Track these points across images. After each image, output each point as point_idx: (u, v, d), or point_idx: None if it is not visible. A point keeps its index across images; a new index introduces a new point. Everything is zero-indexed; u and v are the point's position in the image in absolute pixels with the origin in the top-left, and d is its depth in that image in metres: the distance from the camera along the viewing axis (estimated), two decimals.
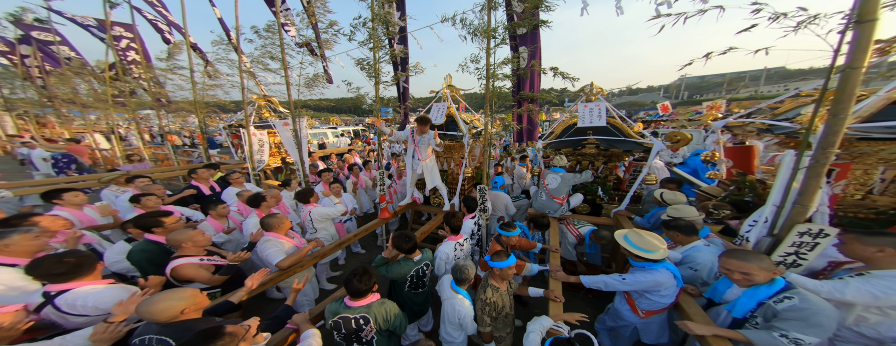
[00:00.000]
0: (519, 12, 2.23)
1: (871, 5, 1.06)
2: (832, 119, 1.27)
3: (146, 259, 1.91)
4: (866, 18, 1.08)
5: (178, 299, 1.25)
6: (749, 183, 2.62)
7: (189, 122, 10.82)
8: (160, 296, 1.25)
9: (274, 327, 1.56)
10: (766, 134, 2.22)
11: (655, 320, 1.78)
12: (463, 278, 1.77)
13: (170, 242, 1.87)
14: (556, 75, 2.26)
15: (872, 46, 1.14)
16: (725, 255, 1.41)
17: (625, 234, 1.79)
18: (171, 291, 1.32)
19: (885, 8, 1.10)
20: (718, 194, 2.66)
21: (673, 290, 1.66)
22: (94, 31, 5.83)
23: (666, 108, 11.50)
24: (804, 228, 1.47)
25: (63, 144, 6.25)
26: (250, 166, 4.82)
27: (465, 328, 1.74)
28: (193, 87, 5.52)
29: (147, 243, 1.99)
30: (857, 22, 1.10)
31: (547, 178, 3.13)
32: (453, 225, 2.31)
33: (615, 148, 3.20)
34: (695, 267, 1.81)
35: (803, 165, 1.40)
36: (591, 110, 3.18)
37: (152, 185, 3.27)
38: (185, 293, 1.29)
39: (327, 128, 13.39)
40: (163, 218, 2.06)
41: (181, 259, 1.78)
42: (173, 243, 1.85)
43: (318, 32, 3.94)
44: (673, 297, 1.69)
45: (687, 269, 1.85)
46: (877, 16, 1.08)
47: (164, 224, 2.04)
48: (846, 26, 1.14)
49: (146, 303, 1.21)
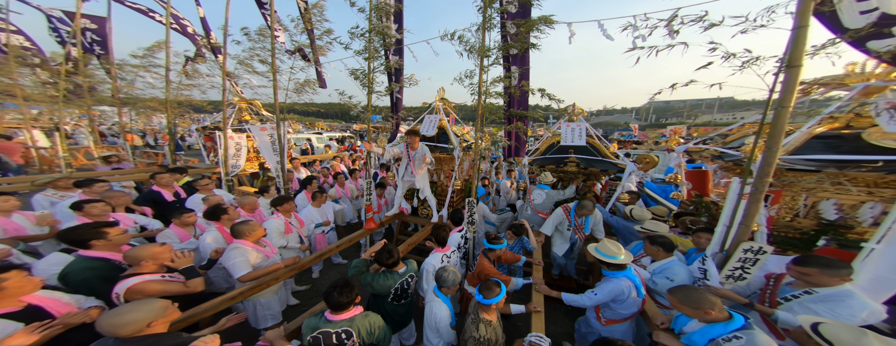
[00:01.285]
0: (512, 33, 2.42)
1: (797, 53, 1.31)
2: (767, 151, 1.48)
3: (96, 278, 1.60)
4: (794, 64, 1.32)
5: (146, 311, 1.12)
6: (705, 204, 2.94)
7: (154, 121, 9.94)
8: (126, 308, 1.10)
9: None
10: (717, 160, 2.52)
11: (617, 329, 1.87)
12: (443, 282, 1.79)
13: (128, 258, 1.62)
14: (543, 96, 2.45)
15: (797, 88, 1.38)
16: (670, 291, 1.44)
17: (595, 246, 1.93)
18: (139, 302, 1.17)
19: (807, 56, 1.35)
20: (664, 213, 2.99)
21: (632, 300, 1.76)
22: (54, 21, 5.36)
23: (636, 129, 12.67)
24: (748, 245, 1.66)
25: None
26: (223, 171, 4.46)
27: (440, 334, 1.74)
28: (167, 85, 5.15)
29: (88, 261, 1.67)
30: (788, 66, 1.34)
31: (533, 193, 3.25)
32: (440, 237, 2.29)
33: (594, 167, 3.44)
34: (671, 277, 1.93)
35: (746, 190, 1.60)
36: (573, 130, 3.42)
37: (113, 192, 2.82)
38: (155, 305, 1.16)
39: (312, 133, 12.87)
40: (106, 229, 1.75)
41: (138, 277, 1.53)
42: (132, 259, 1.60)
43: (313, 39, 3.94)
44: (632, 308, 1.79)
45: (663, 278, 1.95)
46: (801, 62, 1.33)
47: (108, 236, 1.73)
48: (779, 69, 1.39)
49: (109, 316, 1.07)
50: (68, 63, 5.41)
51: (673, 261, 2.00)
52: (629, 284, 1.76)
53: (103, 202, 2.31)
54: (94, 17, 5.46)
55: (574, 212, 2.86)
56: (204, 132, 5.59)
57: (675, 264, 1.97)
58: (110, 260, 1.70)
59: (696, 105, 66.80)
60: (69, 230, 1.77)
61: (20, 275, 1.22)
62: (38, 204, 2.86)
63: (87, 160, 6.38)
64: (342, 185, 4.61)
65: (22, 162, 5.61)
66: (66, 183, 2.99)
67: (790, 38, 1.34)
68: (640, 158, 2.92)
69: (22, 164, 5.55)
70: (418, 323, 2.11)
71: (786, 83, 1.36)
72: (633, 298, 1.76)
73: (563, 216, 2.91)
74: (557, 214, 2.94)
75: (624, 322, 1.86)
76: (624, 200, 3.18)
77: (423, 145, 3.22)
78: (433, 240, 2.33)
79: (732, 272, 1.74)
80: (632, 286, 1.76)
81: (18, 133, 7.11)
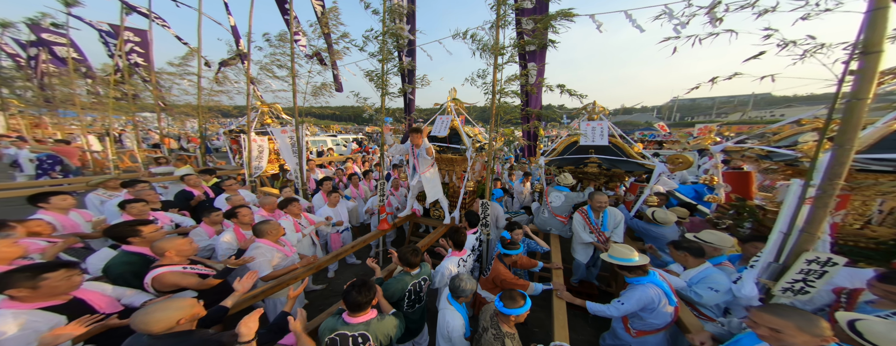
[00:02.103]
0: (529, 29, 2.32)
1: (877, 37, 1.11)
2: (839, 150, 1.28)
3: (131, 272, 1.73)
4: (872, 50, 1.12)
5: (175, 308, 1.18)
6: (748, 208, 2.63)
7: (187, 126, 10.74)
8: (156, 306, 1.17)
9: (271, 336, 1.43)
10: (764, 161, 2.25)
11: (650, 340, 1.73)
12: (460, 292, 1.72)
13: (154, 249, 1.74)
14: (562, 92, 2.32)
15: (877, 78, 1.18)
16: (760, 308, 1.24)
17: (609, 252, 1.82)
18: (168, 300, 1.24)
19: (889, 39, 1.15)
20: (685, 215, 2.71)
21: (663, 309, 1.62)
22: (104, 36, 5.94)
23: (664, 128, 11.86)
24: (812, 256, 1.44)
25: (52, 145, 6.08)
26: (247, 173, 4.71)
27: (453, 343, 1.67)
28: (199, 91, 5.54)
29: (127, 255, 1.82)
30: (863, 53, 1.14)
31: (550, 196, 3.10)
32: (457, 241, 2.23)
33: (617, 168, 3.22)
34: (716, 287, 1.73)
35: (810, 194, 1.39)
36: (594, 129, 3.23)
37: (148, 190, 3.11)
38: (183, 303, 1.22)
39: (327, 136, 13.40)
40: (140, 227, 1.89)
41: (162, 268, 1.64)
42: (157, 250, 1.72)
43: (331, 43, 4.05)
44: (664, 317, 1.64)
45: (707, 289, 1.76)
46: (882, 48, 1.12)
47: (141, 233, 1.87)
48: (851, 57, 1.19)
49: (141, 313, 1.13)
50: (116, 73, 5.98)
51: (708, 269, 1.81)
52: (657, 291, 1.62)
53: (143, 202, 2.52)
54: (136, 30, 5.99)
55: (590, 211, 2.68)
56: (230, 136, 5.93)
57: (713, 271, 1.78)
58: (145, 255, 1.83)
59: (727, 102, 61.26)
60: (111, 227, 1.95)
61: (65, 273, 1.31)
62: (90, 203, 3.16)
63: (131, 163, 7.01)
64: (356, 185, 4.70)
65: (79, 164, 6.27)
66: (114, 183, 3.29)
67: (864, 21, 1.14)
68: (673, 158, 2.67)
69: (79, 166, 6.19)
70: (431, 328, 2.09)
71: (861, 73, 1.17)
72: (664, 306, 1.61)
73: (582, 220, 2.75)
74: (577, 219, 2.79)
75: (657, 333, 1.70)
76: (653, 202, 2.92)
77: (425, 141, 3.12)
78: (450, 242, 2.27)
79: (791, 285, 1.52)
80: (661, 294, 1.62)
81: (76, 138, 7.98)
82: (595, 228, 2.67)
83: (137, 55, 6.10)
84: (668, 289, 1.65)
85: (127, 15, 5.62)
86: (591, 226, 2.69)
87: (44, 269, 1.27)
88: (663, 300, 1.62)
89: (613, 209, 2.69)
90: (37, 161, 5.10)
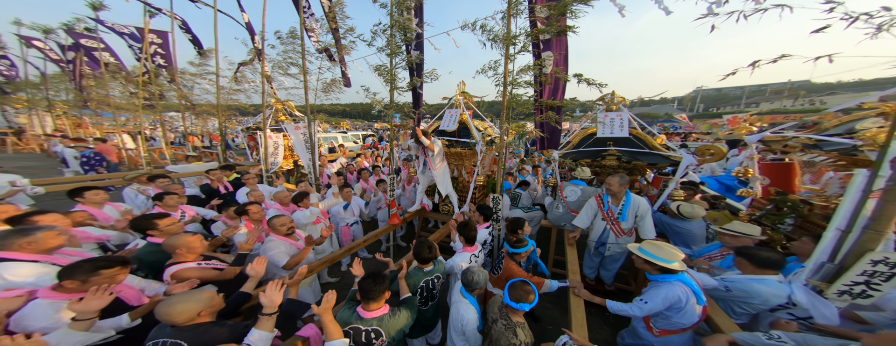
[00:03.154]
0: (543, 17, 2.18)
1: None
2: None
3: (160, 260, 1.82)
4: None
5: (195, 300, 1.23)
6: (791, 203, 2.39)
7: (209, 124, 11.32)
8: (178, 298, 1.22)
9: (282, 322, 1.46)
10: (813, 150, 2.02)
11: (674, 340, 1.64)
12: (474, 285, 1.70)
13: (165, 247, 1.78)
14: (580, 82, 2.18)
15: None
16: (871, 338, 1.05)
17: (640, 246, 1.69)
18: (189, 292, 1.30)
19: None
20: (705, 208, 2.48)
21: (690, 308, 1.52)
22: (126, 39, 6.28)
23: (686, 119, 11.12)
24: (880, 256, 1.28)
25: (92, 143, 6.59)
26: (264, 168, 4.89)
27: (466, 337, 1.66)
28: (218, 91, 5.77)
29: (152, 246, 1.93)
30: None
31: (566, 190, 2.98)
32: (468, 236, 2.20)
33: (639, 161, 3.04)
34: (752, 294, 1.59)
35: (878, 186, 1.22)
36: (613, 120, 3.05)
37: (172, 184, 3.32)
38: (203, 295, 1.27)
39: (337, 132, 13.68)
40: (156, 220, 1.99)
41: (178, 265, 1.71)
42: (168, 248, 1.77)
43: (338, 38, 4.05)
44: (692, 317, 1.54)
45: (740, 291, 1.63)
46: None
47: (158, 226, 1.97)
48: None
49: (164, 304, 1.19)
50: (145, 75, 6.33)
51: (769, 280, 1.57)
52: (685, 289, 1.51)
53: (177, 195, 2.68)
54: (159, 32, 6.28)
55: (607, 197, 2.47)
56: (247, 132, 6.16)
57: (770, 283, 1.56)
58: None
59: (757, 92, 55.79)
60: (132, 221, 2.09)
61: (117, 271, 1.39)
62: (127, 196, 3.43)
63: (160, 160, 7.49)
64: (366, 180, 4.76)
65: (116, 161, 6.77)
66: (144, 179, 3.55)
67: None
68: (703, 149, 2.44)
69: (116, 162, 6.70)
70: (444, 323, 2.07)
71: None
72: (692, 305, 1.51)
73: (595, 207, 2.57)
74: (590, 204, 2.60)
75: (682, 333, 1.60)
76: (679, 196, 2.72)
77: (434, 138, 3.12)
78: (460, 238, 2.24)
79: (850, 288, 1.37)
80: (689, 292, 1.51)
81: (111, 137, 8.61)
82: (608, 215, 2.47)
83: (161, 57, 6.41)
84: (696, 287, 1.54)
85: (151, 17, 5.89)
86: (603, 213, 2.50)
87: (104, 264, 1.35)
88: (692, 299, 1.51)
89: (638, 198, 2.43)
90: (83, 158, 5.54)
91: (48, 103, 11.34)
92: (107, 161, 5.77)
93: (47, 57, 9.39)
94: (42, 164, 8.22)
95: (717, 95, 65.31)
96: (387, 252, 4.06)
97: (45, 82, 10.94)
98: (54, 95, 11.27)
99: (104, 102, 8.14)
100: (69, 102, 10.91)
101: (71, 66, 8.31)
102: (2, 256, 1.47)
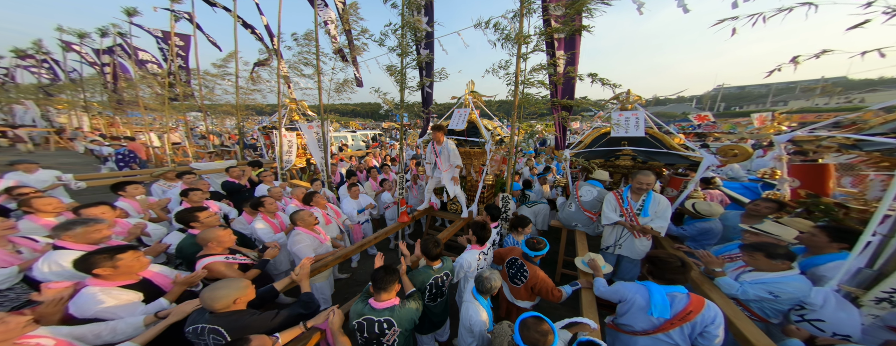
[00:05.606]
0: (558, 15, 2.15)
1: None
2: None
3: (196, 253, 1.91)
4: None
5: (234, 288, 1.33)
6: (824, 206, 2.25)
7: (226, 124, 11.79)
8: (221, 283, 1.33)
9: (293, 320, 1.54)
10: (850, 150, 1.89)
11: (620, 338, 1.61)
12: (485, 289, 1.69)
13: (198, 240, 1.91)
14: (593, 82, 2.13)
15: None
16: None
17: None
18: (229, 280, 1.40)
19: None
20: None
21: (635, 313, 1.49)
22: (160, 42, 6.66)
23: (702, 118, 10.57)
24: None
25: (124, 142, 7.05)
26: (279, 166, 5.08)
27: (474, 336, 1.68)
28: (237, 91, 6.02)
29: (193, 237, 2.05)
30: None
31: (581, 189, 2.92)
32: (481, 236, 2.18)
33: (655, 161, 2.94)
34: (777, 293, 1.52)
35: None
36: (628, 119, 2.96)
37: (199, 180, 3.51)
38: (241, 284, 1.38)
39: (347, 131, 13.99)
40: (197, 213, 2.15)
41: (209, 258, 1.81)
42: (201, 241, 1.88)
43: (351, 39, 4.14)
44: (636, 322, 1.50)
45: (765, 292, 1.55)
46: None
47: (199, 219, 2.12)
48: None
49: (209, 290, 1.30)
50: (170, 76, 6.70)
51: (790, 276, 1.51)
52: (640, 292, 1.49)
53: (201, 191, 2.84)
54: (182, 35, 6.62)
55: (628, 192, 2.36)
56: (263, 132, 6.41)
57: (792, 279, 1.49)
58: None
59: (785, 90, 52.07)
60: (178, 213, 2.27)
61: (134, 254, 1.49)
62: (155, 192, 3.66)
63: (183, 158, 7.91)
64: (375, 178, 4.85)
65: (145, 158, 7.22)
66: (171, 175, 3.76)
67: None
68: (726, 149, 2.33)
69: (145, 159, 7.14)
70: (453, 321, 2.10)
71: None
72: (636, 309, 1.48)
73: (614, 203, 2.46)
74: (609, 200, 2.49)
75: (628, 334, 1.55)
76: (699, 196, 2.63)
77: (448, 141, 3.11)
78: (473, 237, 2.23)
79: (890, 295, 1.29)
80: (642, 297, 1.47)
81: (138, 136, 9.18)
82: (627, 211, 2.37)
83: (181, 59, 6.76)
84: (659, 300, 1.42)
85: (176, 21, 6.22)
86: (622, 209, 2.40)
87: (117, 250, 1.46)
88: (638, 302, 1.47)
89: (660, 196, 2.35)
90: (119, 156, 5.95)
91: (85, 104, 12.20)
92: (138, 158, 6.16)
93: (84, 60, 10.10)
94: (80, 161, 8.86)
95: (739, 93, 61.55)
96: (396, 250, 4.12)
97: (82, 84, 11.77)
98: (90, 96, 12.11)
99: (134, 102, 8.68)
100: (104, 103, 11.69)
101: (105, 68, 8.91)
102: (58, 244, 1.61)
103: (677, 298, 1.42)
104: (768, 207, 2.11)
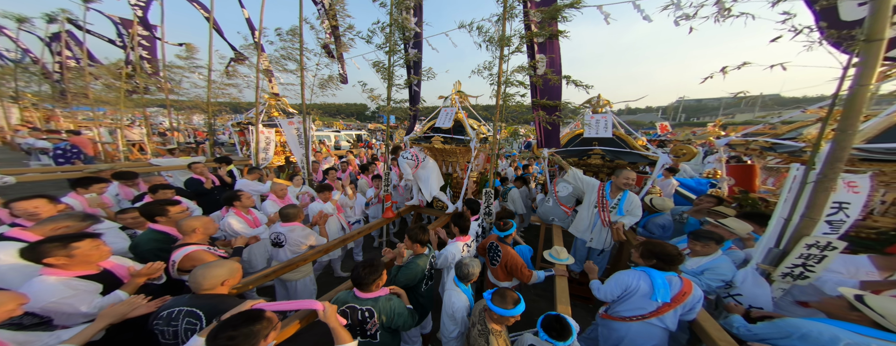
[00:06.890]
0: (537, 21, 2.35)
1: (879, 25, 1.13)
2: (840, 134, 1.30)
3: (158, 249, 1.80)
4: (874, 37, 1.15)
5: (227, 269, 1.31)
6: (751, 200, 2.66)
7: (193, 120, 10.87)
8: (214, 263, 1.31)
9: None
10: (768, 153, 2.27)
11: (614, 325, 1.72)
12: (464, 274, 1.77)
13: (182, 227, 1.78)
14: (568, 83, 2.35)
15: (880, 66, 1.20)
16: None
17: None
18: (223, 261, 1.38)
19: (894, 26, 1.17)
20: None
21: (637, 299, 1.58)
22: (119, 27, 6.09)
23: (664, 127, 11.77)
24: (812, 240, 1.46)
25: (66, 136, 6.24)
26: (254, 163, 4.80)
27: (456, 323, 1.73)
28: (209, 85, 5.65)
29: (154, 233, 1.90)
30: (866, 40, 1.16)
31: (559, 185, 3.13)
32: (462, 226, 2.27)
33: (620, 160, 3.24)
34: (723, 278, 1.74)
35: (811, 179, 1.42)
36: (598, 122, 3.26)
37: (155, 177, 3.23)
38: (233, 266, 1.35)
39: (330, 131, 13.58)
40: (168, 206, 1.99)
41: (190, 246, 1.69)
42: (186, 228, 1.77)
43: (338, 35, 4.11)
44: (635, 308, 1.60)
45: (718, 280, 1.76)
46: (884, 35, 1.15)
47: (168, 213, 1.96)
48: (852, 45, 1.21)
49: (201, 267, 1.27)
50: (128, 66, 6.11)
51: (719, 257, 1.78)
52: (642, 277, 1.58)
53: (171, 189, 2.67)
54: (148, 24, 6.12)
55: (608, 187, 2.54)
56: (237, 128, 6.04)
57: (722, 260, 1.76)
58: (170, 234, 1.91)
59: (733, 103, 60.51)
60: (143, 206, 2.07)
61: (92, 243, 1.37)
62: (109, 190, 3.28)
63: (140, 155, 7.16)
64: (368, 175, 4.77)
65: (92, 154, 6.42)
66: (107, 174, 3.38)
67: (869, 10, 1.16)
68: (676, 148, 2.69)
69: (92, 156, 6.35)
70: (435, 313, 2.12)
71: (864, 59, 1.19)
72: (640, 296, 1.57)
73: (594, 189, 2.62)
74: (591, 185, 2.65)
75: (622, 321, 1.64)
76: (656, 192, 2.96)
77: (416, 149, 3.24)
78: (455, 228, 2.30)
79: (791, 270, 1.54)
80: (644, 282, 1.56)
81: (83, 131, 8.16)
82: (602, 204, 2.55)
83: (143, 49, 6.23)
84: (661, 284, 1.52)
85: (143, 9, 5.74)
86: (599, 200, 2.58)
87: (72, 239, 1.33)
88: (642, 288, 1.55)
89: (633, 195, 2.52)
90: (58, 150, 5.24)
91: (16, 94, 10.62)
92: (83, 154, 5.48)
93: (19, 47, 8.88)
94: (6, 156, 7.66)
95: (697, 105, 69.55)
96: (380, 247, 4.05)
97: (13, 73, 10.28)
98: (24, 86, 10.59)
99: (82, 95, 7.74)
100: (41, 94, 10.27)
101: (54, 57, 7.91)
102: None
103: (674, 281, 1.55)
104: (710, 201, 2.44)
